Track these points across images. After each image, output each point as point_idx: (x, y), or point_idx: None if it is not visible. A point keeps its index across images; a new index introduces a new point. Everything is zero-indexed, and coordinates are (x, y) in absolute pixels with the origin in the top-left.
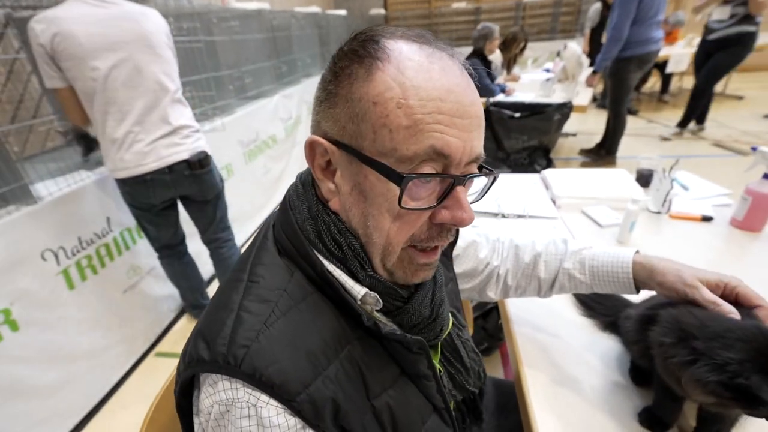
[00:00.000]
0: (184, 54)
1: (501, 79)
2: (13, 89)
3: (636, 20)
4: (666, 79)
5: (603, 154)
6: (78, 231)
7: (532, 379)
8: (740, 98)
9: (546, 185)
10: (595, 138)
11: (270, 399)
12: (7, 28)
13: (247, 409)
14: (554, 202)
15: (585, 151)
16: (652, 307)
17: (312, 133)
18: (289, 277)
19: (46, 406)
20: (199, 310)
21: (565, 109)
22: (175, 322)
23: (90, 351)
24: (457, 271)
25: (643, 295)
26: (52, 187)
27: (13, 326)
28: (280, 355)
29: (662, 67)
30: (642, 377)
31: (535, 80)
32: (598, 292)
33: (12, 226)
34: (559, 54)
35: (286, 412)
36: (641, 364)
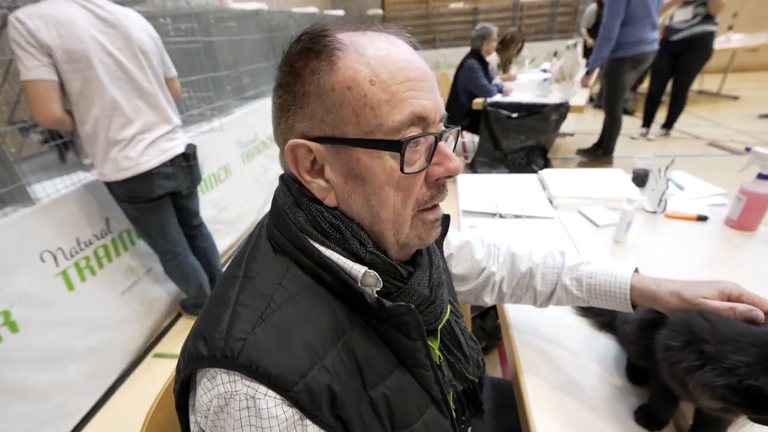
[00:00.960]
0: (182, 54)
1: (498, 79)
2: (10, 90)
3: (627, 21)
4: None
5: (600, 153)
6: (76, 232)
7: (530, 378)
8: (736, 98)
9: (543, 185)
10: (592, 138)
11: (268, 390)
12: (4, 29)
13: (245, 401)
14: (551, 202)
15: (582, 151)
16: (655, 310)
17: (284, 143)
18: (284, 271)
19: (45, 408)
20: None
21: (562, 110)
22: (174, 323)
23: (89, 352)
24: (452, 272)
25: None
26: (49, 189)
27: (13, 327)
28: (276, 346)
29: None
30: (638, 376)
31: (533, 80)
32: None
33: (10, 228)
34: (557, 54)
35: (284, 403)
36: (638, 364)
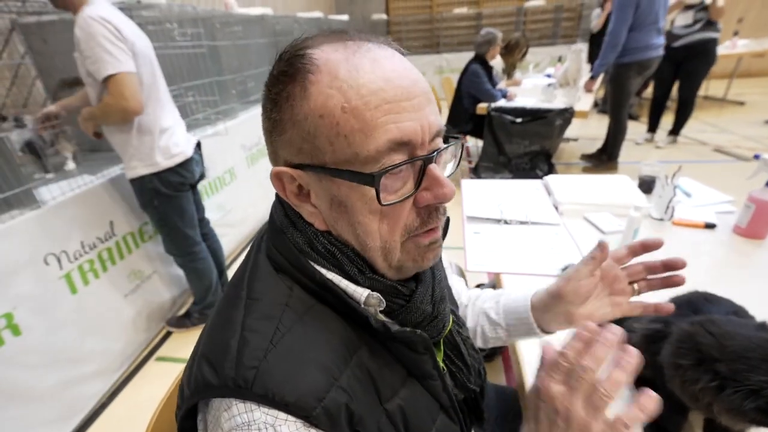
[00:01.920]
0: (188, 59)
1: (502, 84)
2: (18, 93)
3: (634, 26)
4: None
5: (604, 159)
6: (81, 235)
7: None
8: (742, 104)
9: (548, 191)
10: (597, 143)
11: (288, 416)
12: (13, 34)
13: (265, 428)
14: (557, 208)
15: (586, 156)
16: (658, 320)
17: (272, 165)
18: (289, 291)
19: (46, 410)
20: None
21: (566, 114)
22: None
23: (91, 355)
24: None
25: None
26: (55, 191)
27: (15, 331)
28: (291, 372)
29: None
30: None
31: (537, 85)
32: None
33: (15, 231)
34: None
35: (303, 427)
36: (644, 376)
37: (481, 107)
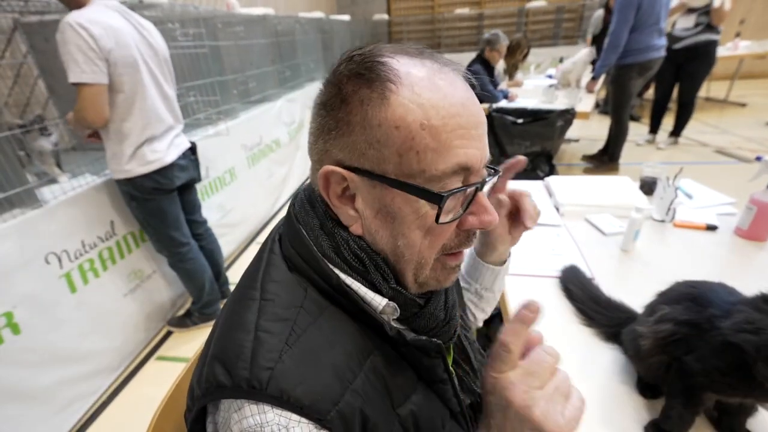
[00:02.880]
0: (189, 59)
1: (504, 85)
2: (20, 93)
3: (635, 27)
4: None
5: (606, 160)
6: (82, 234)
7: None
8: (743, 105)
9: (549, 192)
10: (598, 144)
11: (301, 418)
12: (15, 33)
13: (278, 430)
14: (558, 210)
15: (588, 157)
16: (664, 320)
17: (318, 162)
18: (303, 293)
19: (46, 409)
20: (214, 306)
21: (567, 115)
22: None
23: (91, 354)
24: None
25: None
26: (57, 191)
27: (15, 329)
28: (306, 374)
29: None
30: (650, 390)
31: (538, 86)
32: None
33: (17, 230)
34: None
35: (316, 429)
36: (649, 379)
37: (483, 108)
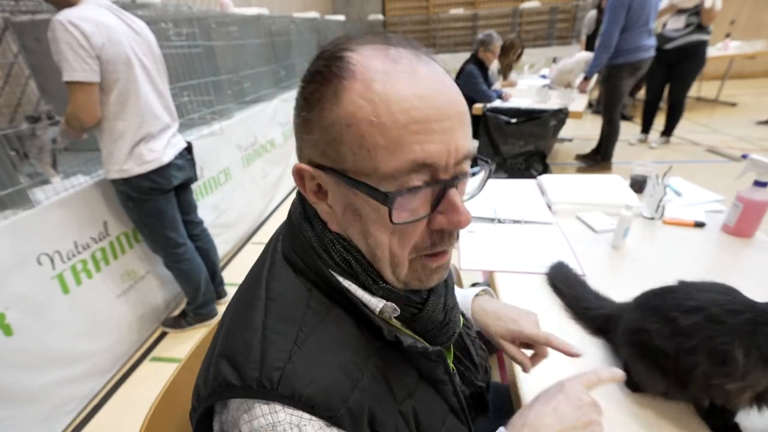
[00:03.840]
0: (183, 59)
1: (498, 85)
2: (11, 93)
3: (626, 28)
4: None
5: (598, 159)
6: (75, 235)
7: (527, 384)
8: (734, 105)
9: (542, 190)
10: (591, 143)
11: (312, 417)
12: (6, 33)
13: (291, 429)
14: (550, 208)
15: (581, 157)
16: (667, 319)
17: (298, 159)
18: (308, 293)
19: (39, 411)
20: (209, 307)
21: (561, 115)
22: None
23: (84, 355)
24: None
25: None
26: (49, 191)
27: (7, 331)
28: (316, 373)
29: None
30: (636, 384)
31: (532, 86)
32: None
33: (9, 231)
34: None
35: (326, 426)
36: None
37: (477, 108)
